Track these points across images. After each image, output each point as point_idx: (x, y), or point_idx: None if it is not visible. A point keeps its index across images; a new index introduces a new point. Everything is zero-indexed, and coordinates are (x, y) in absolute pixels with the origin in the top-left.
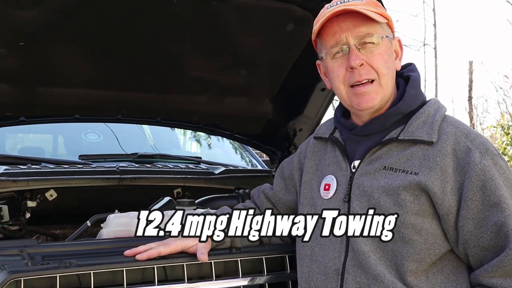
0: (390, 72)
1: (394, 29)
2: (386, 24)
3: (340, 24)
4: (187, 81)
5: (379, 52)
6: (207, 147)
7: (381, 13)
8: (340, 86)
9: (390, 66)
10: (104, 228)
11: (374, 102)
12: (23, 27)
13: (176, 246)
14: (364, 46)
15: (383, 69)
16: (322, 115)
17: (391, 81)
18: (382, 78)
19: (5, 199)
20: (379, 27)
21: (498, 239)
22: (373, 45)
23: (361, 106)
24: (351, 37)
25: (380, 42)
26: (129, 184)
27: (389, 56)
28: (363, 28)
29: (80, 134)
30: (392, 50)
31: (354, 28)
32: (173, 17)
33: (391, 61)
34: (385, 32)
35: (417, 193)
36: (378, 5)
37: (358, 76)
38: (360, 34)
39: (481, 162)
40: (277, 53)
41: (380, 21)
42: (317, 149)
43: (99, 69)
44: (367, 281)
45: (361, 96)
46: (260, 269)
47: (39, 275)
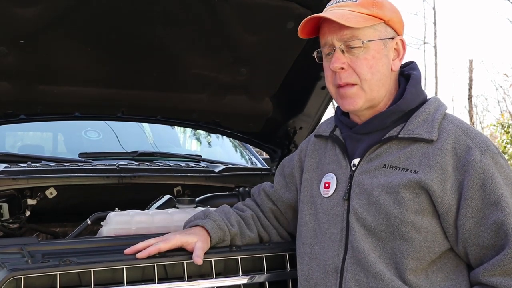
0: (375, 77)
1: (401, 26)
2: (385, 24)
3: (329, 25)
4: (187, 79)
5: (364, 57)
6: (207, 145)
7: (374, 13)
8: (329, 85)
9: (379, 70)
10: (104, 226)
11: (356, 105)
12: (23, 25)
13: (176, 241)
14: (350, 49)
15: (366, 74)
16: (322, 113)
17: (377, 85)
18: (365, 83)
19: (5, 197)
20: (367, 30)
21: (498, 238)
22: (359, 49)
23: (344, 107)
24: (336, 40)
25: (368, 46)
26: (129, 182)
27: (377, 60)
28: (347, 31)
29: (80, 132)
30: (385, 52)
31: (339, 31)
32: (174, 15)
33: (381, 64)
34: (377, 34)
35: (416, 191)
36: (375, 5)
37: (339, 79)
38: (344, 37)
39: (481, 160)
40: (277, 51)
41: (359, 26)
42: (317, 147)
43: (99, 67)
44: (366, 279)
45: (343, 98)
46: (260, 267)
47: (39, 273)
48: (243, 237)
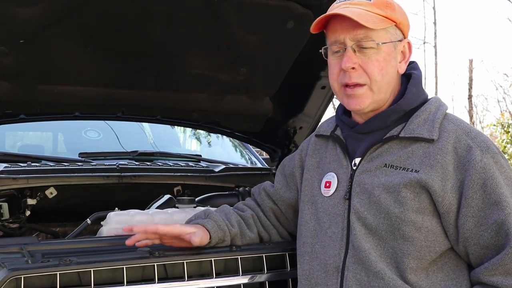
0: (385, 79)
1: (408, 30)
2: (395, 26)
3: (341, 23)
4: (187, 79)
5: (376, 58)
6: (207, 145)
7: (387, 15)
8: (334, 83)
9: (388, 72)
10: (104, 226)
11: (363, 105)
12: (24, 24)
13: (174, 227)
14: (362, 50)
15: (377, 75)
16: (322, 113)
17: (385, 86)
18: (374, 84)
19: (5, 197)
20: (381, 31)
21: (498, 237)
22: (371, 50)
23: (350, 106)
24: (348, 39)
25: (380, 47)
26: (129, 182)
27: (387, 62)
28: (361, 31)
29: (80, 132)
30: (395, 55)
31: (352, 30)
32: (174, 15)
33: (390, 66)
34: (388, 36)
35: (417, 190)
36: (388, 6)
37: (348, 78)
38: (358, 37)
39: (482, 160)
40: (277, 51)
41: (376, 28)
42: (318, 146)
43: (99, 67)
44: (367, 278)
45: (350, 98)
46: (260, 267)
47: (39, 273)
48: (243, 237)
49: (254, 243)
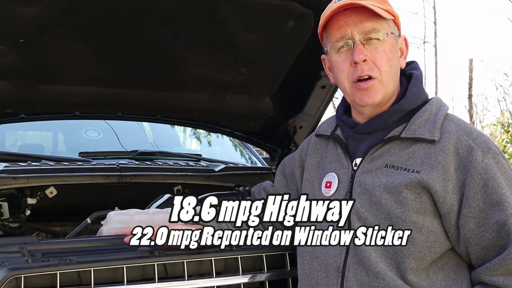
0: (392, 70)
1: (401, 27)
2: (393, 22)
3: (346, 18)
4: (187, 79)
5: (383, 49)
6: (207, 144)
7: (388, 10)
8: (344, 81)
9: (394, 64)
10: (104, 226)
11: (376, 98)
12: (24, 24)
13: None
14: (369, 42)
15: (385, 66)
16: (322, 112)
17: (393, 79)
18: (384, 76)
19: (5, 196)
20: (385, 24)
21: (499, 238)
22: (378, 41)
23: (363, 101)
24: (357, 32)
25: (385, 39)
26: (129, 182)
27: (393, 53)
28: (368, 23)
29: (80, 131)
30: (397, 48)
31: (360, 23)
32: (174, 15)
33: (395, 58)
34: (391, 29)
35: (418, 191)
36: (386, 2)
37: (360, 71)
38: (366, 29)
39: (483, 160)
40: (277, 50)
41: (387, 18)
42: (318, 146)
43: (99, 66)
44: (368, 278)
45: (363, 92)
46: (260, 267)
47: (39, 272)
48: None
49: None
